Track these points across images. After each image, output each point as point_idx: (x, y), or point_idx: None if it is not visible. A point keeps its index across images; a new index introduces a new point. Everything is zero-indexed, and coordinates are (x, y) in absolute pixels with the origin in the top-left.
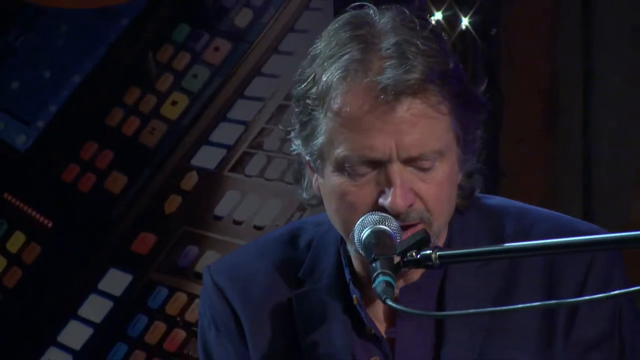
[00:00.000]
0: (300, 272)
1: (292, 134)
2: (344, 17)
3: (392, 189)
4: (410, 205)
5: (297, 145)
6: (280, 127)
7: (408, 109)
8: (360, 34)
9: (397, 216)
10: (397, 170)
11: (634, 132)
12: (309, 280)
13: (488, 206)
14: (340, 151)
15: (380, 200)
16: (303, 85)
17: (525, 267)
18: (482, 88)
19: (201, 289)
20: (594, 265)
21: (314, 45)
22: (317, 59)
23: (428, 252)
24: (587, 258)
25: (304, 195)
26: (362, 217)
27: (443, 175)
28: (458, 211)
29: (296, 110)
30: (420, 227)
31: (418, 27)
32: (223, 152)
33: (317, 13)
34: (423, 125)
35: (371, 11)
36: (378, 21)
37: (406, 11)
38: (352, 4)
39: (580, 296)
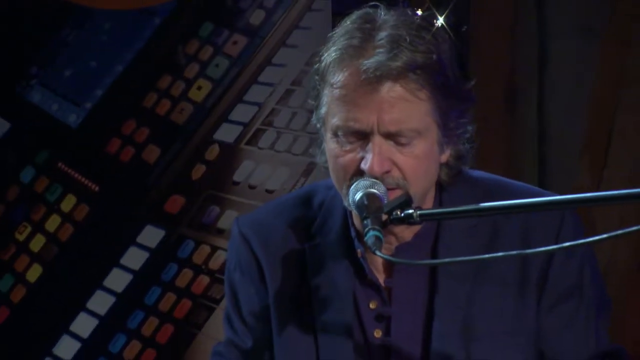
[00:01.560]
0: (313, 227)
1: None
2: (358, 12)
3: (370, 157)
4: (388, 172)
5: (313, 115)
6: (287, 107)
7: (388, 91)
8: (365, 27)
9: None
10: (377, 142)
11: (579, 113)
12: (319, 235)
13: (472, 179)
14: (334, 121)
15: (362, 165)
16: (316, 65)
17: (505, 230)
18: (472, 83)
19: (230, 238)
20: (563, 228)
21: (331, 33)
22: (329, 44)
23: (410, 211)
24: (557, 221)
25: (320, 159)
26: (356, 182)
27: (420, 151)
28: (445, 185)
29: (311, 85)
30: (398, 192)
31: (414, 26)
32: (240, 128)
33: (318, 13)
34: (401, 107)
35: (380, 10)
36: (382, 18)
37: (409, 12)
38: (351, 6)
39: (551, 255)
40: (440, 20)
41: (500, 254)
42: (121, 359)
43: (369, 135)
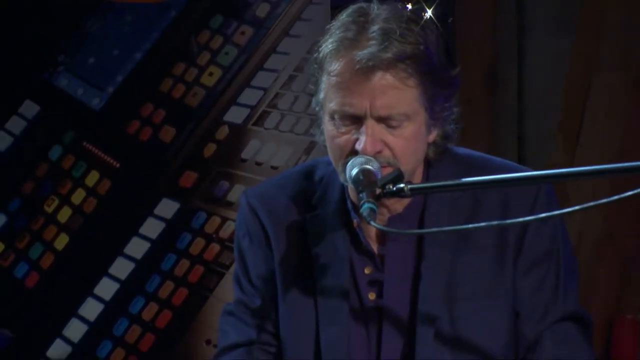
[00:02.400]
0: (313, 199)
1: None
2: (353, 7)
3: (364, 138)
4: (379, 152)
5: (313, 99)
6: (290, 91)
7: (380, 79)
8: (359, 20)
9: None
10: (370, 125)
11: (554, 97)
12: (319, 206)
13: (458, 156)
14: (331, 105)
15: (356, 146)
16: (315, 54)
17: (485, 202)
18: (457, 70)
19: (238, 209)
20: (538, 200)
21: (329, 25)
22: (326, 35)
23: (402, 185)
24: (533, 194)
25: (320, 138)
26: (352, 159)
27: (409, 133)
28: (433, 162)
29: (310, 72)
30: (390, 169)
31: (404, 19)
32: (247, 110)
33: (318, 6)
34: (392, 94)
35: (373, 4)
36: (374, 12)
37: (399, 6)
38: (348, 0)
39: (527, 225)
40: (428, 13)
41: (481, 224)
42: (140, 319)
43: (363, 119)
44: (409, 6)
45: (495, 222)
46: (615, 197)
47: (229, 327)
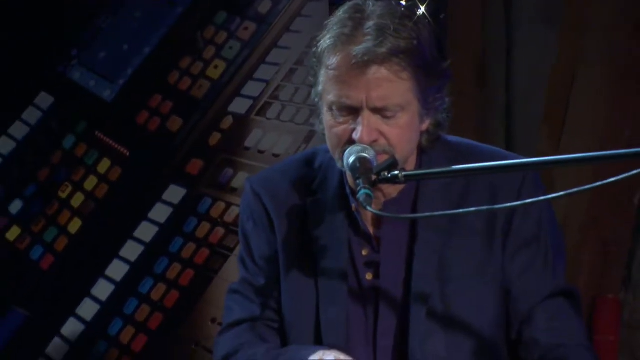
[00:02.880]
0: (314, 184)
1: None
2: (350, 3)
3: (360, 128)
4: (375, 141)
5: (312, 91)
6: (291, 83)
7: (375, 73)
8: (355, 17)
9: None
10: (366, 115)
11: (540, 89)
12: (319, 191)
13: (449, 144)
14: (329, 97)
15: (353, 136)
16: (314, 49)
17: (475, 187)
18: (448, 63)
19: (242, 194)
20: (524, 185)
21: (327, 21)
22: (324, 31)
23: (396, 172)
24: (520, 180)
25: (319, 127)
26: (349, 148)
27: (404, 122)
28: (426, 149)
29: (310, 65)
30: (385, 156)
31: (398, 15)
32: (250, 101)
33: (318, 3)
34: (386, 86)
35: (369, 1)
36: (370, 8)
37: (394, 4)
38: None
39: (514, 209)
40: (421, 10)
41: (471, 209)
42: (149, 299)
43: (359, 110)
44: (403, 2)
45: (484, 208)
46: (598, 183)
47: (234, 304)
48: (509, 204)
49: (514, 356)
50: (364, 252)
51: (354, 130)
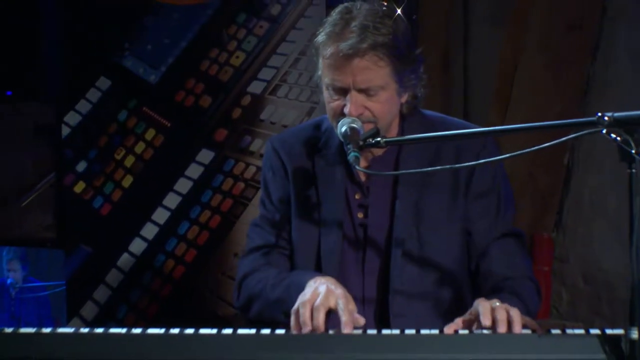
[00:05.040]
0: (320, 144)
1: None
2: (341, 6)
3: (349, 104)
4: (361, 114)
5: (315, 75)
6: (296, 69)
7: (358, 62)
8: (345, 17)
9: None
10: (353, 94)
11: (490, 73)
12: (324, 149)
13: (425, 116)
14: (326, 80)
15: (344, 110)
16: (313, 42)
17: (444, 149)
18: (418, 51)
19: (265, 150)
20: (484, 148)
21: (324, 20)
22: (321, 28)
23: (379, 139)
24: (479, 145)
25: (322, 101)
26: (342, 120)
27: (384, 99)
28: (406, 116)
29: (311, 55)
30: (371, 125)
31: (379, 15)
32: (264, 84)
33: (317, 7)
34: (367, 72)
35: (357, 4)
36: (356, 10)
37: (376, 5)
38: (340, 1)
39: (474, 168)
40: (398, 12)
41: (440, 167)
42: (185, 238)
43: (348, 90)
44: (385, 4)
45: (449, 166)
46: (535, 148)
47: (254, 235)
48: (470, 163)
49: (472, 285)
50: (356, 196)
51: (344, 105)
